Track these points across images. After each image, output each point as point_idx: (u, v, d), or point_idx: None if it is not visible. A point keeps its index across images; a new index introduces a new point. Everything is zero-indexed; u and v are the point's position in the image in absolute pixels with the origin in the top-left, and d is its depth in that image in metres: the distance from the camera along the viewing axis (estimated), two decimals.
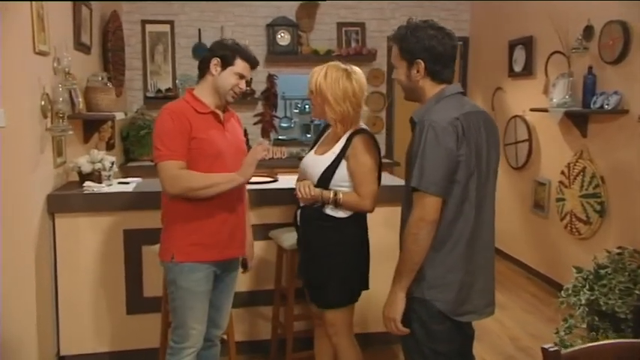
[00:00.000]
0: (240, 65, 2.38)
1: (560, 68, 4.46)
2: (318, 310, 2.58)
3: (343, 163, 2.42)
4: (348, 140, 2.43)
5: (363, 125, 2.50)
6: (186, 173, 2.29)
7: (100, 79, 3.81)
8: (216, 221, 2.40)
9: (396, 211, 3.39)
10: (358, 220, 2.50)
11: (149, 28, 5.64)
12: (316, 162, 2.49)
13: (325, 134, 2.63)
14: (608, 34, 3.86)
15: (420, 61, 1.93)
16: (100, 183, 3.27)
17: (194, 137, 2.31)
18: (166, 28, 5.66)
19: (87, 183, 3.20)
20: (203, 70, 2.42)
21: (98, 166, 3.30)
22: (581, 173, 4.15)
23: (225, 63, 2.37)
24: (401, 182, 3.45)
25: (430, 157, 1.80)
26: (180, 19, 5.68)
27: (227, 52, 2.37)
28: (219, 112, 2.43)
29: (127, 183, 3.41)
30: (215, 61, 2.36)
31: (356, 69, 2.47)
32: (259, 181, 3.44)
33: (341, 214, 2.44)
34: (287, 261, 3.20)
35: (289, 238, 3.10)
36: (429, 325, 1.92)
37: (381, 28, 5.98)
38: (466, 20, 6.03)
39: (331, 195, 2.40)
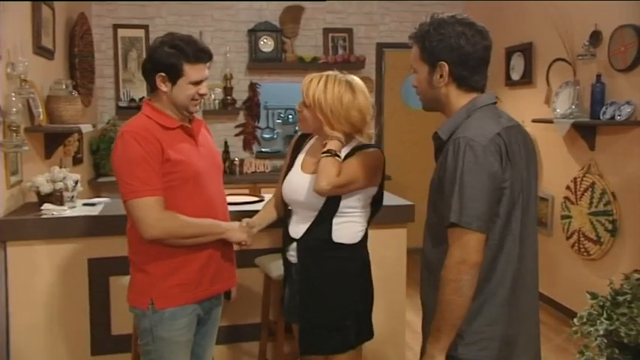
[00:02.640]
0: (191, 72, 1.95)
1: (563, 76, 4.20)
2: (318, 356, 2.22)
3: None
4: (349, 155, 2.11)
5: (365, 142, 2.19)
6: (172, 216, 1.93)
7: (63, 87, 3.42)
8: (204, 255, 2.03)
9: (396, 233, 3.14)
10: (365, 241, 2.21)
11: (121, 32, 5.24)
12: (311, 183, 2.12)
13: (309, 143, 2.28)
14: (619, 40, 3.59)
15: (443, 63, 1.59)
16: (62, 205, 2.87)
17: (167, 159, 1.93)
18: (140, 32, 5.27)
19: (45, 205, 2.80)
20: (151, 84, 2.01)
21: (59, 185, 2.90)
22: (590, 189, 3.87)
23: (173, 76, 1.95)
24: (398, 200, 3.18)
25: (470, 184, 1.46)
26: (155, 23, 5.30)
27: (170, 62, 1.93)
28: (187, 124, 2.05)
29: (93, 204, 3.02)
30: (160, 78, 1.96)
31: (358, 80, 2.15)
32: (243, 201, 3.07)
33: (351, 240, 2.13)
34: (275, 291, 2.85)
35: (278, 266, 2.74)
36: None
37: (370, 35, 5.68)
38: None
39: (334, 149, 2.06)
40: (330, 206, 2.10)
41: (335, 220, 2.12)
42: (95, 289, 2.83)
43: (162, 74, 1.95)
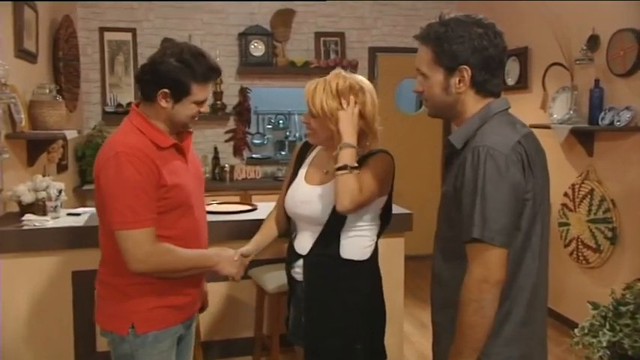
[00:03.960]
0: (198, 92, 1.79)
1: (559, 81, 4.13)
2: None
3: None
4: (360, 161, 1.96)
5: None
6: (164, 251, 1.78)
7: (47, 91, 3.30)
8: (193, 275, 1.90)
9: (394, 242, 3.04)
10: (375, 257, 2.07)
11: (108, 36, 5.10)
12: (316, 195, 2.00)
13: (313, 154, 2.16)
14: (618, 44, 3.53)
15: (466, 67, 1.47)
16: (45, 215, 2.74)
17: (164, 185, 1.76)
18: (128, 36, 5.14)
19: (27, 216, 2.67)
20: (148, 95, 1.80)
21: (42, 195, 2.77)
22: (589, 196, 3.80)
23: (178, 95, 1.77)
24: (395, 209, 3.08)
25: (493, 196, 1.36)
26: (143, 26, 5.17)
27: (178, 79, 1.74)
28: (179, 142, 1.88)
29: (78, 214, 2.89)
30: (162, 94, 1.76)
31: (365, 81, 2.02)
32: (235, 210, 2.96)
33: (360, 256, 2.01)
34: (269, 304, 2.74)
35: (272, 278, 2.64)
36: None
37: (362, 39, 5.60)
38: None
39: (350, 162, 1.86)
40: (336, 220, 1.97)
41: (343, 235, 1.99)
42: (79, 303, 2.69)
43: (166, 90, 1.76)
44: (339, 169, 1.87)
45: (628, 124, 3.44)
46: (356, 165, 1.88)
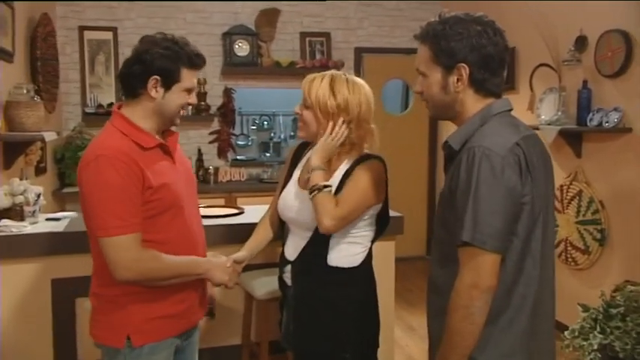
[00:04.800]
0: (188, 77, 1.76)
1: (547, 82, 4.12)
2: None
3: None
4: (350, 170, 1.92)
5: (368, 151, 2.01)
6: (151, 257, 1.70)
7: (24, 91, 3.18)
8: (187, 283, 1.82)
9: (384, 246, 2.98)
10: (368, 264, 2.00)
11: (88, 35, 4.98)
12: (306, 200, 1.93)
13: (307, 155, 2.10)
14: (606, 45, 3.52)
15: (464, 65, 1.43)
16: (22, 221, 2.63)
17: (149, 187, 1.68)
18: (108, 35, 5.02)
19: (4, 221, 2.56)
20: (134, 89, 1.74)
21: (20, 199, 2.66)
22: (577, 197, 3.79)
23: (169, 81, 1.73)
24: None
25: (486, 198, 1.31)
26: (124, 25, 5.05)
27: (166, 64, 1.71)
28: (164, 142, 1.81)
29: (58, 219, 2.78)
30: (153, 82, 1.71)
31: (363, 82, 1.98)
32: (222, 214, 2.88)
33: (350, 263, 1.94)
34: (258, 310, 2.67)
35: (261, 284, 2.56)
36: None
37: (348, 39, 5.54)
38: None
39: (319, 182, 1.85)
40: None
41: (332, 242, 1.93)
42: (59, 312, 2.59)
43: (157, 77, 1.71)
44: (311, 191, 1.86)
45: (616, 125, 3.43)
46: (327, 184, 1.87)
